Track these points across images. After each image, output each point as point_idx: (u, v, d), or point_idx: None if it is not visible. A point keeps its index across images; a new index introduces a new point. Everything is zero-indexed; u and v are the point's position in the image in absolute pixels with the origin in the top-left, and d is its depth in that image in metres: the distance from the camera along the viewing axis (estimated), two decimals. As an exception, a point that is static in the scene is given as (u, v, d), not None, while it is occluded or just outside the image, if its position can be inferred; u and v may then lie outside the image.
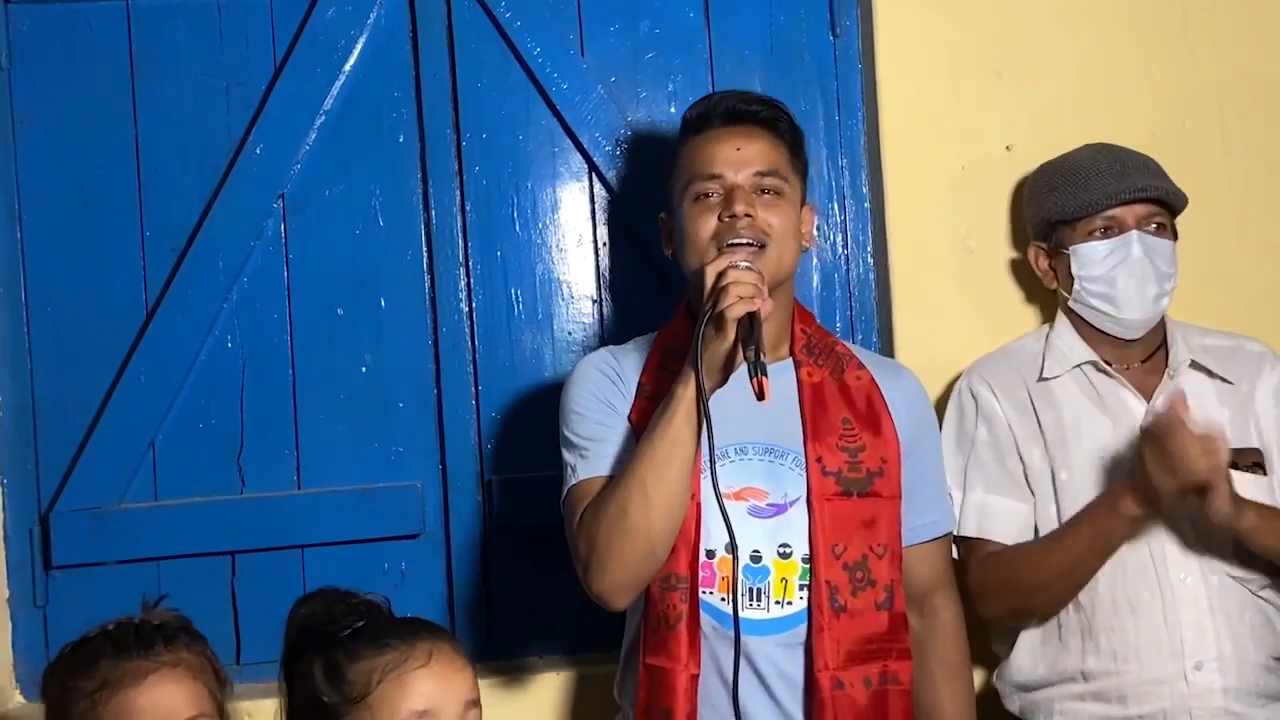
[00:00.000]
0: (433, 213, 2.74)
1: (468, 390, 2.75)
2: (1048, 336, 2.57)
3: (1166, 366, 2.49)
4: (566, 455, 2.23)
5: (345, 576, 2.63)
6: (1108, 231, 2.47)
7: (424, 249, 2.75)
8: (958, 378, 2.61)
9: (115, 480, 2.68)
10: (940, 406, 2.60)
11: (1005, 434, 2.49)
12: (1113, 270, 2.46)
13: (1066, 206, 2.50)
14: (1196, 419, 2.25)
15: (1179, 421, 2.22)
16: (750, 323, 2.00)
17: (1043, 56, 2.76)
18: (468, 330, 2.75)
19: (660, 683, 2.11)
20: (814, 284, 2.82)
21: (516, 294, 2.77)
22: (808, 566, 2.15)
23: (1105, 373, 2.49)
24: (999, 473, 2.47)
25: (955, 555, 2.49)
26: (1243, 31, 2.81)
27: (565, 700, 2.67)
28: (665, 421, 2.06)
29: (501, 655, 2.74)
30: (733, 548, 2.09)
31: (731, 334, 2.00)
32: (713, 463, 2.02)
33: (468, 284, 2.76)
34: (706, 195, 2.20)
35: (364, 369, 2.74)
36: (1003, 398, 2.51)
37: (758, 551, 2.15)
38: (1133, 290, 2.45)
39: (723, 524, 2.05)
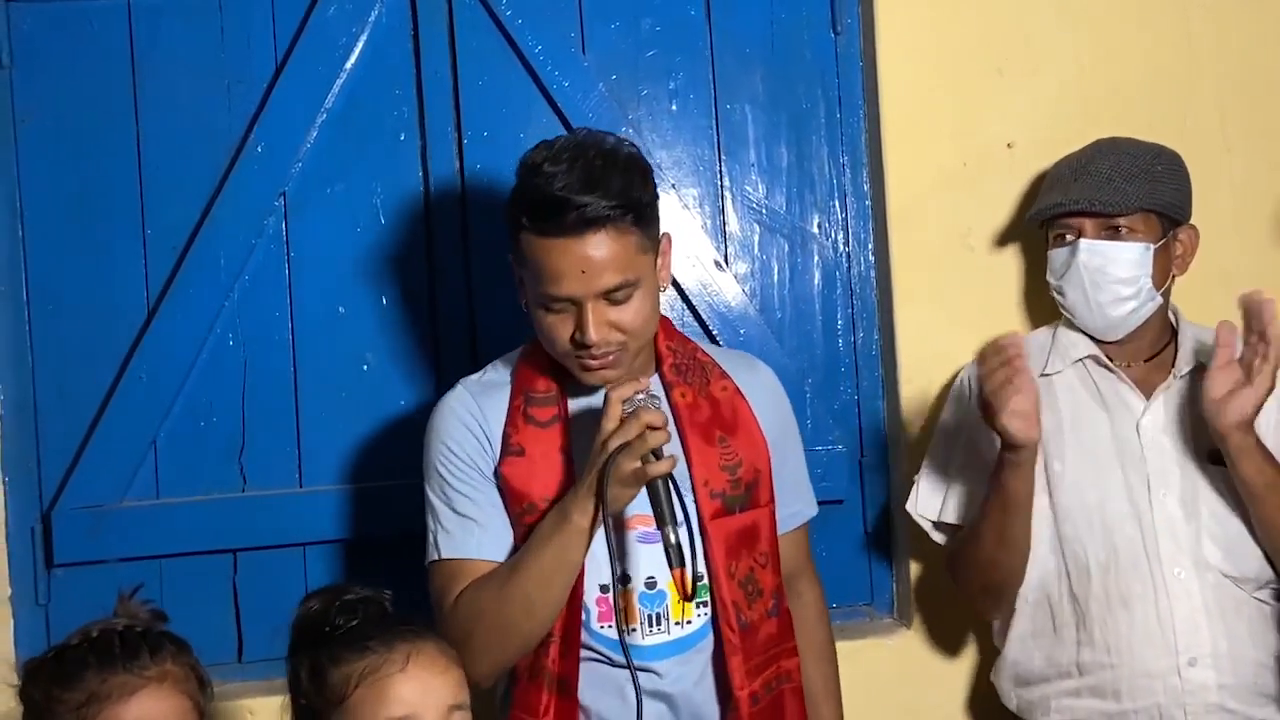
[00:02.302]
0: (434, 211, 2.74)
1: (469, 388, 2.75)
2: (1055, 331, 2.57)
3: (1173, 366, 2.49)
4: (429, 519, 2.20)
5: (346, 575, 2.67)
6: (1064, 239, 2.49)
7: (425, 247, 2.75)
8: (958, 374, 2.63)
9: (117, 478, 2.68)
10: (943, 401, 2.64)
11: None
12: (1062, 279, 2.49)
13: (1034, 212, 2.55)
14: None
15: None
16: (667, 485, 1.98)
17: (1043, 54, 2.76)
18: (469, 328, 2.75)
19: None
20: (815, 281, 2.83)
21: (517, 293, 2.76)
22: (702, 584, 2.14)
23: (1106, 368, 2.49)
24: (981, 462, 2.48)
25: (945, 544, 2.55)
26: (1244, 28, 2.81)
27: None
28: (557, 545, 2.03)
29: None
30: (617, 580, 2.05)
31: (640, 488, 1.99)
32: (613, 555, 2.01)
33: (468, 282, 2.76)
34: (558, 307, 2.08)
35: (365, 367, 2.74)
36: None
37: (652, 578, 2.15)
38: (1079, 298, 2.46)
39: (610, 560, 2.03)
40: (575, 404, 2.19)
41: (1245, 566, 2.40)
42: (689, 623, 2.16)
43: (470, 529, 2.15)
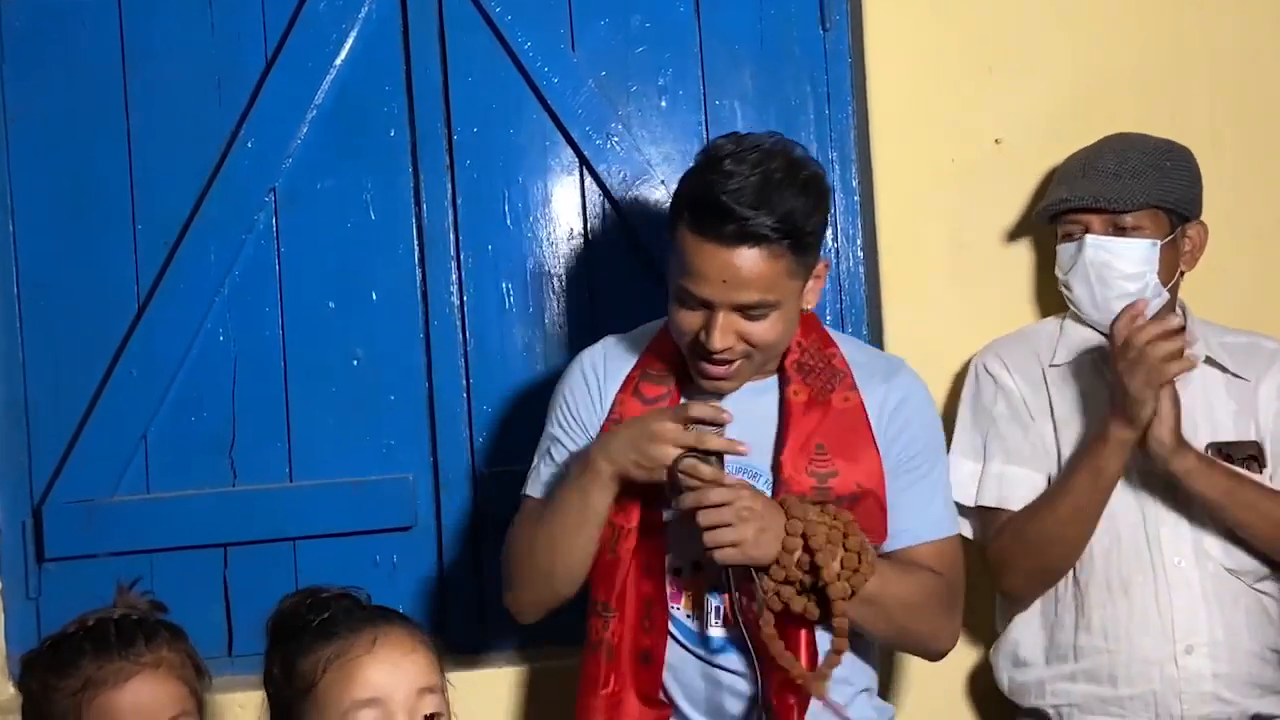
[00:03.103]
0: (424, 206, 2.75)
1: (459, 383, 2.75)
2: (1063, 323, 2.58)
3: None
4: (537, 452, 2.29)
5: (337, 569, 2.68)
6: (1072, 235, 2.49)
7: (415, 243, 2.76)
8: (962, 368, 2.65)
9: (108, 473, 2.69)
10: (938, 400, 2.61)
11: (1021, 407, 2.51)
12: (1069, 274, 2.50)
13: (1041, 208, 2.56)
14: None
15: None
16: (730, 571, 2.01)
17: (1033, 50, 2.76)
18: (459, 324, 2.76)
19: (581, 704, 2.15)
20: (804, 277, 2.84)
21: (508, 288, 2.77)
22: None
23: None
24: (1021, 443, 2.50)
25: (972, 533, 2.53)
26: (1233, 25, 2.81)
27: (557, 692, 2.67)
28: (578, 489, 2.11)
29: (493, 647, 2.75)
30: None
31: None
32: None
33: (459, 277, 2.76)
34: (691, 304, 2.07)
35: (355, 362, 2.75)
36: (1016, 375, 2.54)
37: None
38: (1086, 293, 2.48)
39: (688, 542, 2.06)
40: (686, 392, 2.19)
41: (1245, 560, 2.42)
42: None
43: (557, 475, 2.22)
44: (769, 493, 2.10)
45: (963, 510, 2.54)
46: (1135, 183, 2.44)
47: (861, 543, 2.04)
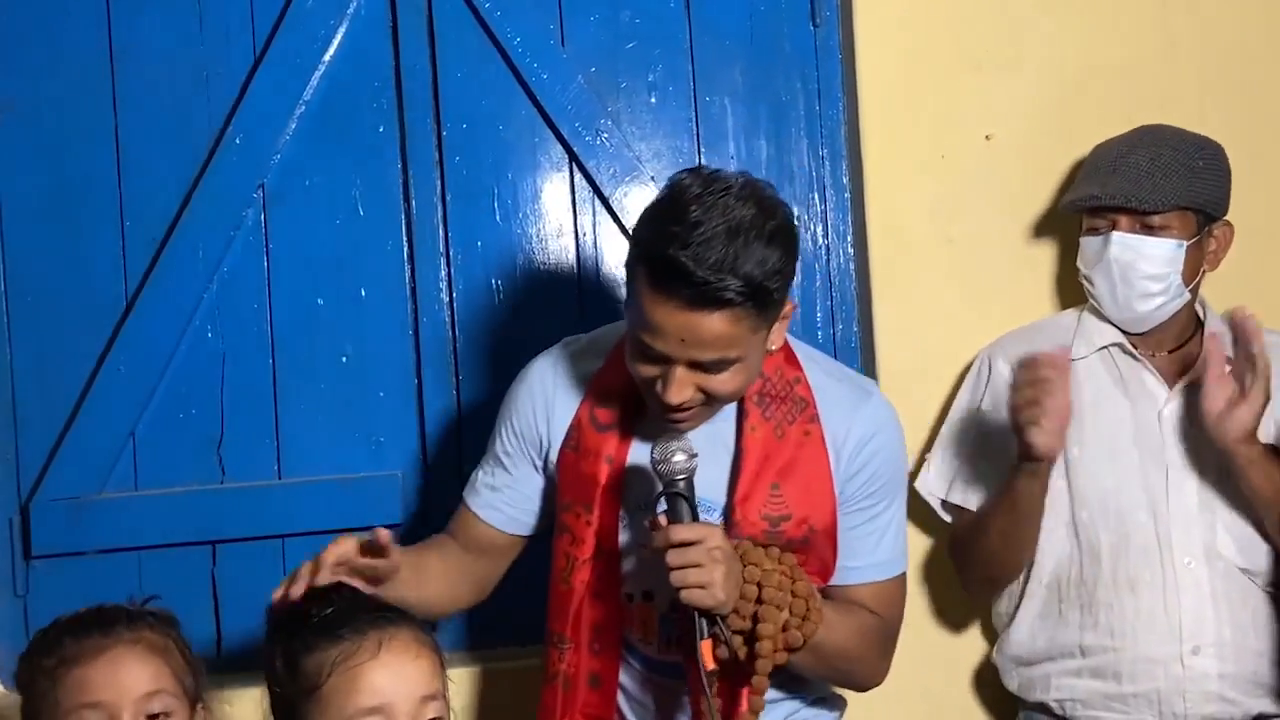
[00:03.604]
0: (413, 203, 2.74)
1: (448, 380, 2.75)
2: (1080, 316, 2.58)
3: (1198, 359, 2.48)
4: (488, 446, 2.28)
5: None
6: (1097, 229, 2.48)
7: (404, 239, 2.75)
8: (968, 364, 2.67)
9: (95, 470, 2.68)
10: (929, 397, 2.69)
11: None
12: (1093, 269, 2.49)
13: (1068, 202, 2.55)
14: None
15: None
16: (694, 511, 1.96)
17: (1022, 46, 2.77)
18: (448, 320, 2.76)
19: None
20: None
21: (497, 284, 2.77)
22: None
23: (1131, 355, 2.50)
24: (990, 446, 2.50)
25: (952, 522, 2.58)
26: (1223, 20, 2.82)
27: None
28: None
29: (482, 644, 2.75)
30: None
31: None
32: None
33: (448, 274, 2.76)
34: (649, 356, 1.96)
35: (344, 359, 2.75)
36: None
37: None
38: (1107, 290, 2.47)
39: (645, 572, 2.07)
40: (639, 415, 2.10)
41: (1260, 560, 2.43)
42: None
43: (488, 490, 2.25)
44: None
45: (943, 502, 2.60)
46: (1167, 182, 2.42)
47: (809, 589, 2.01)
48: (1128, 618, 2.42)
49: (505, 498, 2.23)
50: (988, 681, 2.72)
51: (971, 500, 2.54)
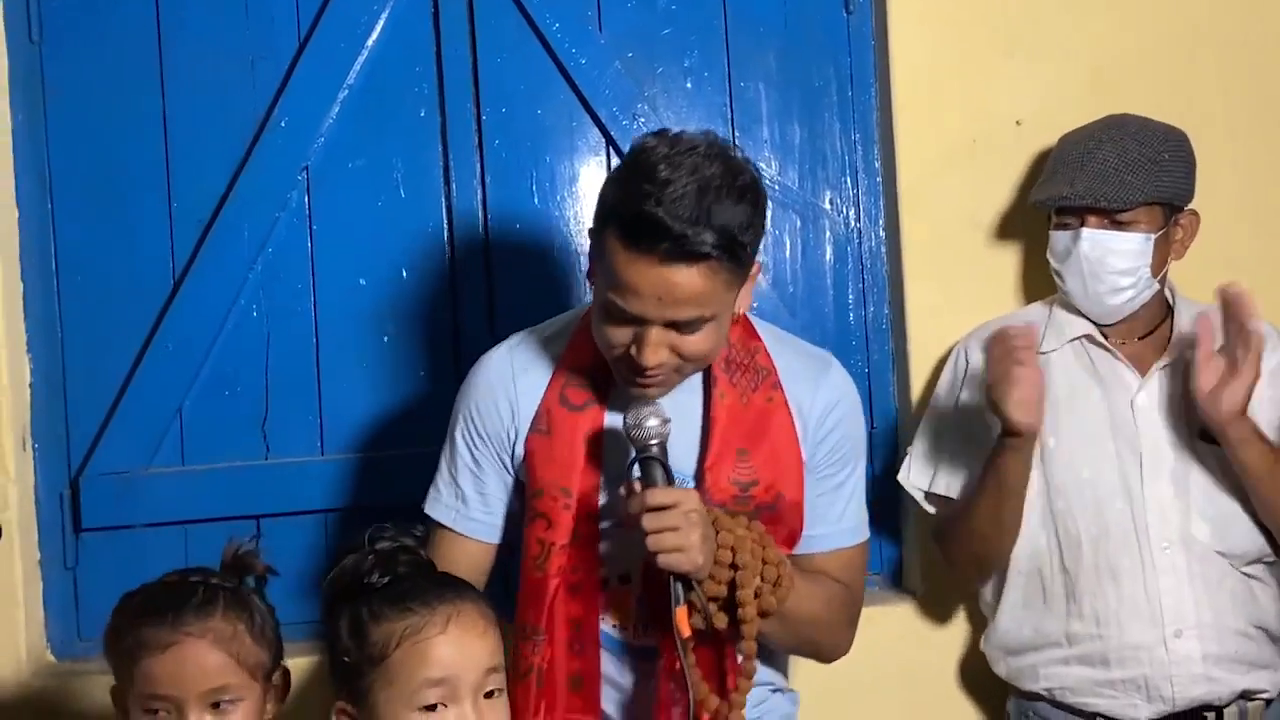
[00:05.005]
0: (453, 185, 2.79)
1: (487, 360, 2.79)
2: (1051, 309, 2.61)
3: (1168, 343, 2.52)
4: (442, 461, 2.22)
5: (366, 541, 2.72)
6: (1067, 224, 2.51)
7: (444, 221, 2.80)
8: (953, 348, 2.69)
9: (143, 446, 2.73)
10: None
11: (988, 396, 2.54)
12: (1063, 264, 2.51)
13: (1038, 200, 2.57)
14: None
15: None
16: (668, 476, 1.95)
17: (1052, 33, 2.79)
18: (486, 301, 2.80)
19: None
20: (827, 256, 2.87)
21: (535, 266, 2.81)
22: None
23: (1102, 346, 2.53)
24: (970, 434, 2.53)
25: (934, 510, 2.61)
26: (1249, 10, 2.84)
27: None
28: None
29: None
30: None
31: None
32: None
33: (487, 256, 2.80)
34: (621, 319, 1.94)
35: (385, 338, 2.79)
36: None
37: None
38: (1078, 285, 2.49)
39: (622, 553, 2.05)
40: (616, 393, 2.07)
41: (1235, 543, 2.45)
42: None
43: (454, 499, 2.19)
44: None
45: (926, 493, 2.62)
46: (1134, 179, 2.44)
47: (780, 557, 2.01)
48: (1110, 605, 2.44)
49: (480, 505, 2.18)
50: (979, 671, 2.73)
51: (955, 489, 2.56)
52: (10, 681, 2.65)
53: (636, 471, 1.96)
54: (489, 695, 1.81)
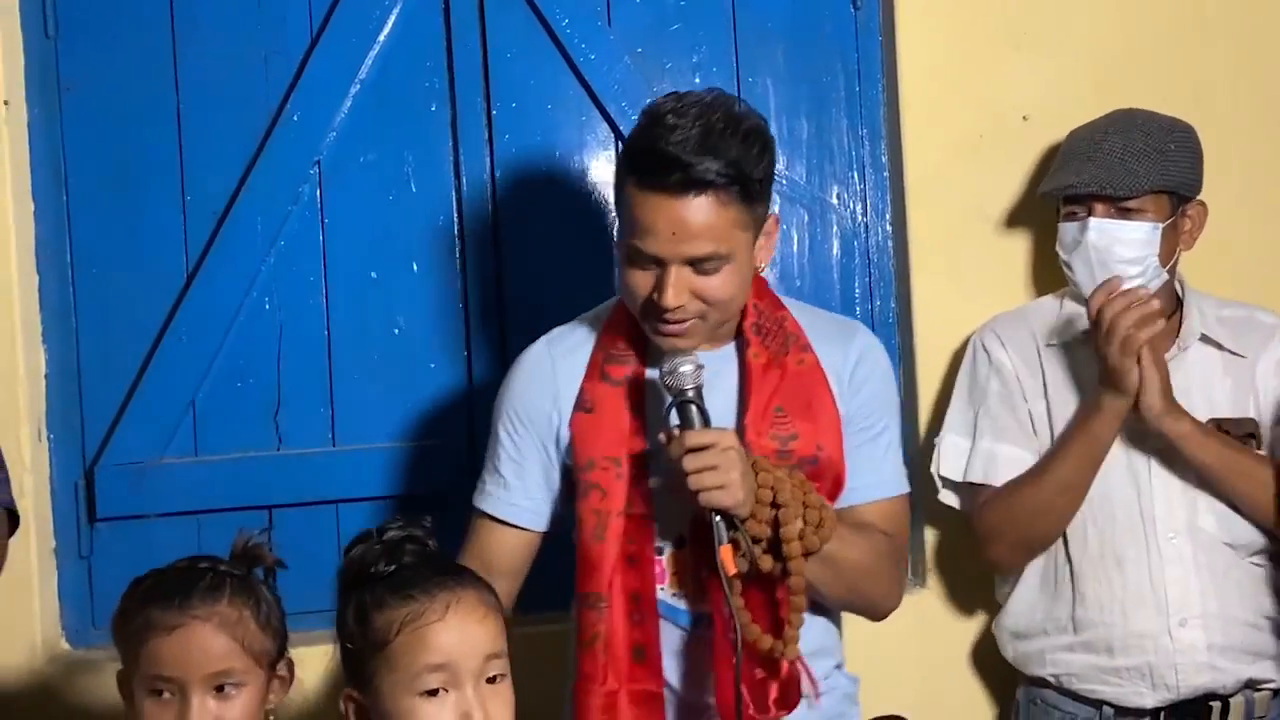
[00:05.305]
0: (463, 179, 2.81)
1: (497, 353, 2.81)
2: (1062, 301, 2.62)
3: (1178, 336, 2.53)
4: (486, 458, 2.26)
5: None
6: (1075, 214, 2.52)
7: (455, 214, 2.82)
8: (969, 339, 2.69)
9: (157, 436, 2.75)
10: (958, 367, 2.69)
11: (1015, 386, 2.56)
12: (1072, 254, 2.52)
13: (1046, 190, 2.58)
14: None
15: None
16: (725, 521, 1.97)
17: (1060, 28, 2.80)
18: (496, 294, 2.82)
19: (580, 702, 2.10)
20: (834, 250, 2.89)
21: (544, 259, 2.83)
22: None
23: None
24: (1009, 422, 2.54)
25: (960, 505, 2.60)
26: (1256, 5, 2.85)
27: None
28: None
29: (530, 610, 2.80)
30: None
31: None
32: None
33: (496, 249, 2.82)
34: (642, 263, 2.04)
35: (396, 330, 2.81)
36: (1013, 353, 2.58)
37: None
38: (1086, 275, 2.49)
39: (670, 521, 2.09)
40: (650, 363, 2.13)
41: (1241, 534, 2.46)
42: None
43: (496, 486, 2.22)
44: None
45: (952, 485, 2.61)
46: (1140, 166, 2.45)
47: (821, 501, 2.05)
48: (1115, 593, 2.46)
49: (522, 491, 2.21)
50: (990, 658, 2.75)
51: (996, 476, 2.54)
52: (25, 670, 2.67)
53: (675, 418, 2.01)
54: (491, 681, 1.83)
